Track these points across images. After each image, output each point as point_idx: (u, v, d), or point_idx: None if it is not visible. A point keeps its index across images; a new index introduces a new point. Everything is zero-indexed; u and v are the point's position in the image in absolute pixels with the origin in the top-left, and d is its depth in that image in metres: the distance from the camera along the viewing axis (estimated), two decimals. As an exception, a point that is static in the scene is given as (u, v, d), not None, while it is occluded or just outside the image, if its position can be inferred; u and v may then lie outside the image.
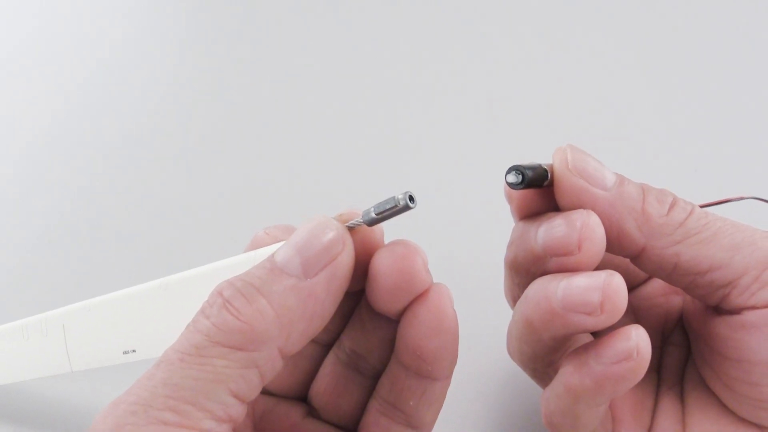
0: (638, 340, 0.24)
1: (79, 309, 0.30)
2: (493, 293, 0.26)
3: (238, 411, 0.21)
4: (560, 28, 0.52)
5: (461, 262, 0.26)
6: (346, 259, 0.23)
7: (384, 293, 0.24)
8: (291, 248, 0.23)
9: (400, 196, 0.23)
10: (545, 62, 0.50)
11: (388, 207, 0.23)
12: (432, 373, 0.26)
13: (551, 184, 0.27)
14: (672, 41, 0.50)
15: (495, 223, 0.25)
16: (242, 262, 0.26)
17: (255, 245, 0.27)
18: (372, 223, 0.23)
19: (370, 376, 0.28)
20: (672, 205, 0.26)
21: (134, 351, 0.28)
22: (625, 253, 0.27)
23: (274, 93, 0.53)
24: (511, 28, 0.52)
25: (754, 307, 0.25)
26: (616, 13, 0.52)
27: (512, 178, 0.26)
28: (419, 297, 0.24)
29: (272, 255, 0.23)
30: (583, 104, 0.47)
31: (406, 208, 0.23)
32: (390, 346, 0.27)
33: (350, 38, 0.55)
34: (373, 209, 0.23)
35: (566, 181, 0.26)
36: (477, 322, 0.27)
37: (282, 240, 0.26)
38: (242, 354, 0.21)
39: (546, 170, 0.26)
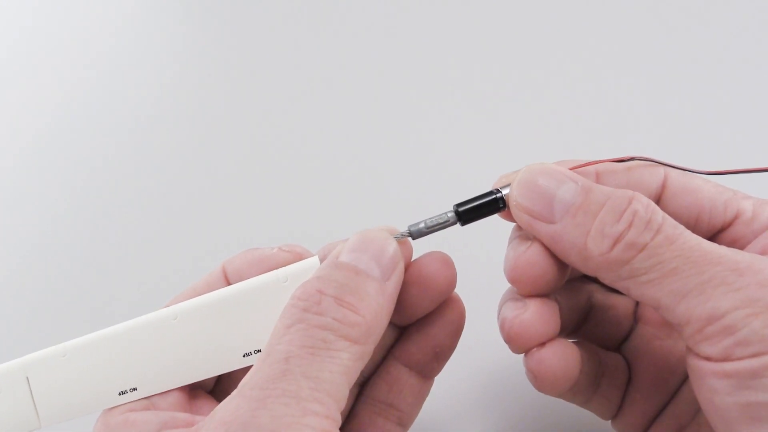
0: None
1: (49, 355, 0.28)
2: (492, 293, 0.29)
3: (345, 402, 0.23)
4: (559, 27, 0.53)
5: (461, 262, 0.29)
6: (403, 266, 0.26)
7: (425, 296, 0.27)
8: (365, 254, 0.25)
9: (450, 214, 0.27)
10: (546, 63, 0.51)
11: (440, 222, 0.27)
12: (437, 370, 0.30)
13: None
14: (672, 39, 0.51)
15: (494, 222, 0.29)
16: (270, 283, 0.27)
17: (267, 261, 0.28)
18: (419, 235, 0.27)
19: (358, 384, 0.30)
20: (617, 240, 0.24)
21: (135, 389, 0.27)
22: (586, 273, 0.26)
23: (274, 95, 0.52)
24: (510, 28, 0.54)
25: (697, 355, 0.23)
26: (617, 12, 0.53)
27: (452, 217, 0.27)
28: (448, 300, 0.28)
29: (339, 259, 0.25)
30: (584, 102, 0.48)
31: (454, 223, 0.27)
32: (385, 352, 0.30)
33: (350, 40, 0.55)
34: (423, 224, 0.27)
35: (514, 215, 0.27)
36: (477, 321, 0.31)
37: (305, 256, 0.28)
38: (358, 347, 0.23)
39: (496, 200, 0.27)
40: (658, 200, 0.28)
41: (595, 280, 0.31)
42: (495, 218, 0.28)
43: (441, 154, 0.47)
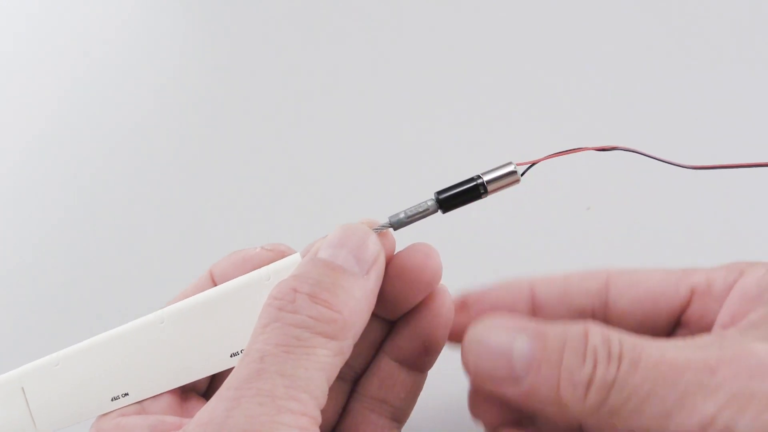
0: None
1: (42, 365, 0.28)
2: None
3: (326, 399, 0.23)
4: (545, 21, 0.53)
5: (460, 260, 0.29)
6: (383, 258, 0.26)
7: (410, 288, 0.27)
8: (343, 249, 0.25)
9: (431, 202, 0.27)
10: (531, 55, 0.51)
11: (420, 211, 0.27)
12: (428, 364, 0.29)
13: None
14: (658, 30, 0.51)
15: (492, 220, 0.28)
16: (253, 282, 0.27)
17: (251, 261, 0.28)
18: (399, 225, 0.27)
19: (350, 381, 0.30)
20: (588, 385, 0.22)
21: (126, 395, 0.28)
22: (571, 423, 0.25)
23: (273, 95, 0.53)
24: (496, 21, 0.54)
25: None
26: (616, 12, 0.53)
27: (432, 206, 0.27)
28: (434, 292, 0.28)
29: (317, 255, 0.25)
30: (567, 91, 0.48)
31: (435, 211, 0.27)
32: (376, 348, 0.30)
33: (349, 39, 0.56)
34: (403, 213, 0.27)
35: (476, 384, 0.26)
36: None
37: (288, 254, 0.28)
38: (335, 343, 0.23)
39: (477, 186, 0.27)
40: (605, 303, 0.27)
41: None
42: (478, 205, 0.28)
43: (423, 147, 0.47)
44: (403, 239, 0.28)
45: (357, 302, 0.24)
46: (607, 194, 0.41)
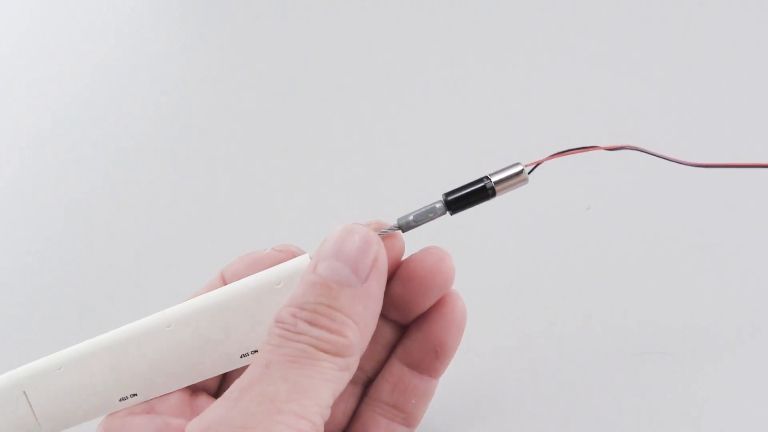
0: None
1: (45, 369, 0.28)
2: (492, 294, 0.28)
3: (329, 412, 0.23)
4: (549, 18, 0.53)
5: (463, 262, 0.28)
6: (384, 257, 0.26)
7: (422, 292, 0.27)
8: (338, 260, 0.25)
9: (439, 204, 0.27)
10: (537, 52, 0.52)
11: (428, 213, 0.27)
12: (440, 369, 0.29)
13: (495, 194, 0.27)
14: (664, 29, 0.51)
15: (494, 222, 0.28)
16: (262, 283, 0.27)
17: (262, 262, 0.28)
18: (408, 227, 0.27)
19: (361, 384, 0.30)
20: None
21: (134, 395, 0.28)
22: None
23: (281, 95, 0.53)
24: (499, 19, 0.55)
25: None
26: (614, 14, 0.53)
27: (440, 208, 0.27)
28: (446, 296, 0.28)
29: (315, 270, 0.25)
30: (575, 92, 0.48)
31: (443, 213, 0.27)
32: (388, 351, 0.30)
33: (350, 38, 0.56)
34: (411, 215, 0.27)
35: None
36: (478, 322, 0.30)
37: (297, 255, 0.28)
38: (340, 359, 0.23)
39: (485, 187, 0.27)
40: None
41: None
42: (493, 217, 0.28)
43: (432, 148, 0.47)
44: (410, 241, 0.28)
45: (359, 316, 0.24)
46: (609, 193, 0.41)
